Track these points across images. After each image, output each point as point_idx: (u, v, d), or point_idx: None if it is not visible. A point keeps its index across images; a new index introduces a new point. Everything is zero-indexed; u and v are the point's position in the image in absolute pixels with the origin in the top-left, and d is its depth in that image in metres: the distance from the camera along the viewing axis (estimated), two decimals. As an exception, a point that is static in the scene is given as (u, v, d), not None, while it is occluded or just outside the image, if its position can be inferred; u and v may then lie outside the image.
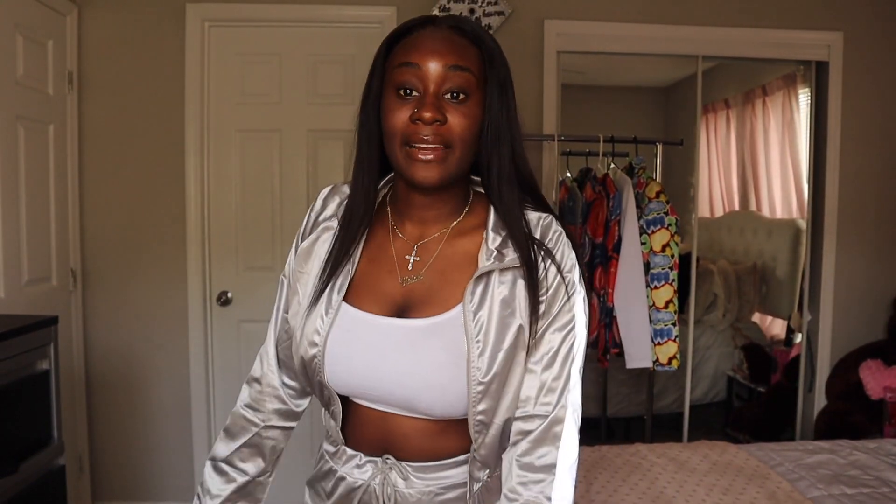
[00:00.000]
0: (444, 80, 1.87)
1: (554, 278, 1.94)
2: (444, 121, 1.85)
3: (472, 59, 1.92)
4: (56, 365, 4.14)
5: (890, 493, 3.94)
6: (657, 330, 5.32)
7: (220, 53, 5.85)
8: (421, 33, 1.94)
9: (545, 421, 1.93)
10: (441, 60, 1.87)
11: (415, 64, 1.87)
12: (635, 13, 5.95)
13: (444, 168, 1.89)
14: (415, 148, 1.86)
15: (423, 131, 1.85)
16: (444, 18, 1.97)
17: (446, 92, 1.87)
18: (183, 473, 5.97)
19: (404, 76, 1.88)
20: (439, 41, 1.90)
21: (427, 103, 1.84)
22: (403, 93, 1.88)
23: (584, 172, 5.96)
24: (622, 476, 4.08)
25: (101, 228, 5.76)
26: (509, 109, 1.99)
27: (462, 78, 1.88)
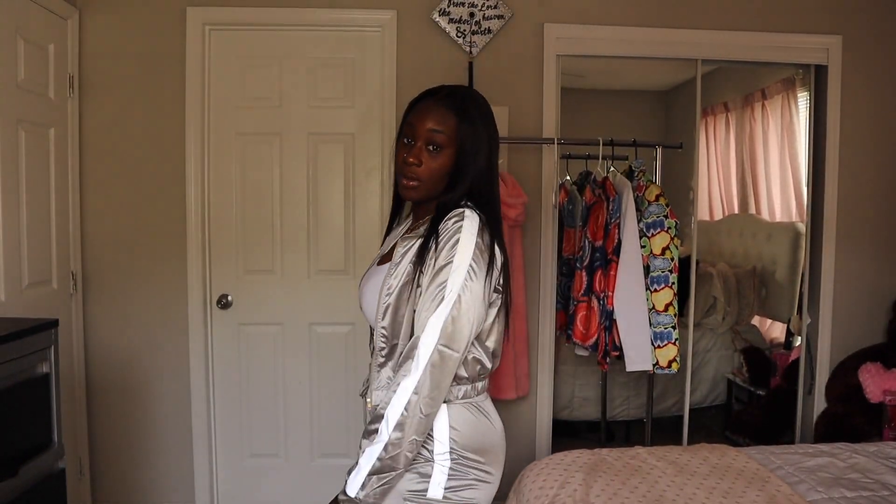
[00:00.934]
0: (426, 137, 2.94)
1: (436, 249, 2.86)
2: (420, 164, 2.93)
3: (449, 124, 2.95)
4: (56, 368, 4.15)
5: (890, 496, 3.94)
6: (657, 333, 5.33)
7: (220, 57, 5.86)
8: (424, 102, 3.03)
9: (410, 342, 2.81)
10: (425, 125, 2.94)
11: (412, 124, 2.98)
12: (635, 17, 5.96)
13: (416, 192, 2.99)
14: (402, 177, 2.98)
15: (407, 169, 2.95)
16: (441, 90, 3.06)
17: (427, 144, 2.94)
18: (183, 477, 5.98)
19: (407, 131, 3.00)
20: (429, 110, 2.98)
21: (413, 152, 2.94)
22: (406, 141, 2.99)
23: (584, 176, 5.99)
24: (622, 479, 4.09)
25: (102, 231, 5.78)
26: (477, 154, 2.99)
27: (437, 137, 2.93)
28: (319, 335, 6.03)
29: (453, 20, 5.75)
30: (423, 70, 5.77)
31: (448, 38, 5.80)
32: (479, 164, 2.98)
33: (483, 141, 2.99)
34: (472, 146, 2.95)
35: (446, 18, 5.74)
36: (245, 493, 6.07)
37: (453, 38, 5.78)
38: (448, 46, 5.82)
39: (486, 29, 5.78)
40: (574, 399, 6.95)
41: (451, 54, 5.83)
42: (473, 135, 2.96)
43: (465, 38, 5.77)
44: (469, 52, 5.79)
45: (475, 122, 2.98)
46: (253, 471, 6.06)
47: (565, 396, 6.86)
